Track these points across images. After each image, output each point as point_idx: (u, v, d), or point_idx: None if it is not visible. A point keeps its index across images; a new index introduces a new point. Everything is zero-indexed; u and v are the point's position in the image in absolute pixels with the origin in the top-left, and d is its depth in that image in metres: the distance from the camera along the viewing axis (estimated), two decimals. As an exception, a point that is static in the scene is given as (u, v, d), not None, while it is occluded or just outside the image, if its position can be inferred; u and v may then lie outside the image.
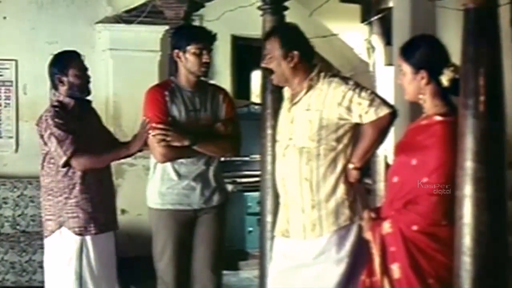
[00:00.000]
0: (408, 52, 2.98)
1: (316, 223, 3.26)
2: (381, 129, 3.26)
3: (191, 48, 3.80)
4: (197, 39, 3.83)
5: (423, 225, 2.85)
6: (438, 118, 2.90)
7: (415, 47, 2.99)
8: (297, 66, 3.32)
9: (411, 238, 2.86)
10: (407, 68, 2.96)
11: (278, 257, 3.43)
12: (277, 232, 3.44)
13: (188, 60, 3.83)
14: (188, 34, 3.91)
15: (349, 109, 3.23)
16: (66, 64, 3.93)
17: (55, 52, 4.08)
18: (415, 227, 2.86)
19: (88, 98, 4.07)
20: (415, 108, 3.14)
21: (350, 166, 3.28)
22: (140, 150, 3.97)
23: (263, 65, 3.41)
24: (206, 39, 3.86)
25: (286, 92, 3.48)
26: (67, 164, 3.85)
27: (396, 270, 2.90)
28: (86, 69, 4.01)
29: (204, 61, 3.82)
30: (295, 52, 3.31)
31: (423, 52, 2.95)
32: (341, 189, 3.28)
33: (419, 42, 3.03)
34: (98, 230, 3.94)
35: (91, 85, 4.03)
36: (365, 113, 3.22)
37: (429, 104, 2.95)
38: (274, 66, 3.35)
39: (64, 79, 3.92)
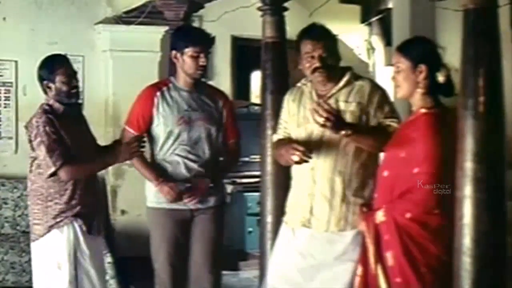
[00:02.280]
0: (406, 48, 3.04)
1: (342, 217, 3.24)
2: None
3: (188, 51, 3.82)
4: (194, 42, 3.83)
5: (416, 212, 2.89)
6: (423, 110, 2.98)
7: (413, 43, 3.08)
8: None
9: (404, 227, 2.91)
10: (405, 63, 2.99)
11: (293, 254, 3.33)
12: (296, 222, 3.35)
13: (185, 62, 3.84)
14: (187, 36, 3.92)
15: (384, 115, 3.26)
16: (53, 70, 3.89)
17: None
18: (408, 215, 2.90)
19: (79, 102, 4.04)
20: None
21: (343, 132, 3.07)
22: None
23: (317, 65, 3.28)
24: (204, 42, 3.88)
25: (306, 87, 3.42)
26: (54, 175, 3.79)
27: (389, 258, 2.94)
28: (74, 73, 3.95)
29: (200, 64, 3.83)
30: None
31: (421, 48, 3.03)
32: (370, 188, 3.25)
33: (416, 40, 3.15)
34: (87, 227, 3.88)
35: (80, 89, 4.00)
36: (389, 124, 3.25)
37: (418, 99, 3.00)
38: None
39: (51, 85, 3.89)
